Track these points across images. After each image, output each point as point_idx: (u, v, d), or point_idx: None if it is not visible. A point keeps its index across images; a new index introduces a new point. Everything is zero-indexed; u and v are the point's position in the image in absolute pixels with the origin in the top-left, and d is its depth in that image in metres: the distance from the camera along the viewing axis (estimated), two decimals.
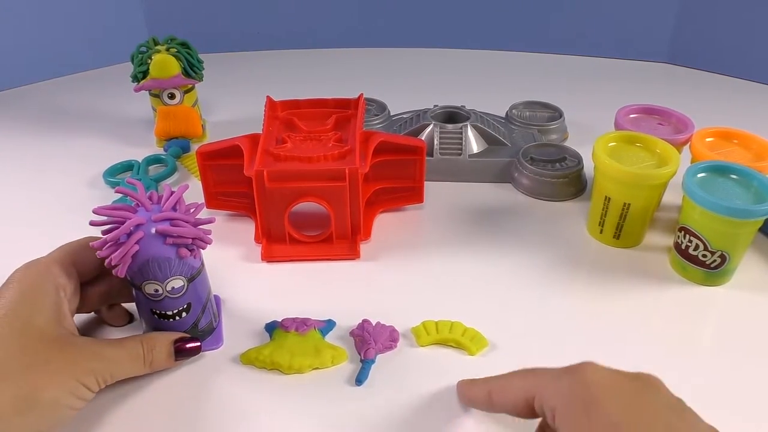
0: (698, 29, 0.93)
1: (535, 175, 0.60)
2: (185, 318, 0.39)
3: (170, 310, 0.38)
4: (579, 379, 0.28)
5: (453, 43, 1.01)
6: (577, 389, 0.28)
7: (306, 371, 0.40)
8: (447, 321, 0.43)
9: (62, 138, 0.73)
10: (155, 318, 0.38)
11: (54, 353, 0.32)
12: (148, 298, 0.37)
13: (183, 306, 0.38)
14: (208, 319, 0.41)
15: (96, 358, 0.34)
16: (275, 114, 0.58)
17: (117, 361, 0.35)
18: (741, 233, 0.46)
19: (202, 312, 0.40)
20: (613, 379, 0.28)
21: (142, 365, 0.37)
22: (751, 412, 0.38)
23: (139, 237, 0.35)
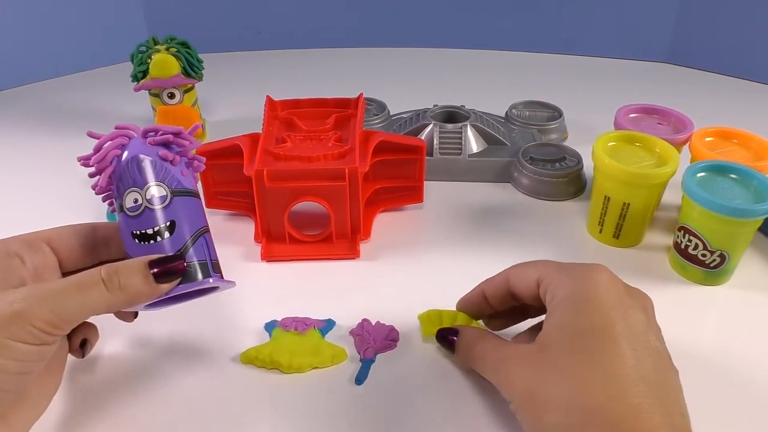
0: (698, 29, 0.93)
1: (534, 174, 0.60)
2: (169, 240, 0.33)
3: (150, 227, 0.33)
4: (585, 280, 0.31)
5: (453, 43, 1.01)
6: (580, 289, 0.31)
7: (305, 370, 0.40)
8: (451, 311, 0.43)
9: (62, 138, 0.73)
10: (136, 243, 0.33)
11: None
12: (128, 216, 0.34)
13: (165, 223, 0.33)
14: (199, 255, 0.34)
15: (26, 300, 0.28)
16: (275, 113, 0.58)
17: (59, 294, 0.29)
18: (740, 233, 0.46)
19: (192, 241, 0.34)
20: (612, 291, 0.31)
21: (102, 292, 0.30)
22: (751, 411, 0.38)
23: (121, 142, 0.35)
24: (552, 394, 0.29)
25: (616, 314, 0.30)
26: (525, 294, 0.35)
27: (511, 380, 0.32)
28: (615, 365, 0.28)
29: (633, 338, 0.29)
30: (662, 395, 0.28)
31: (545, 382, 0.29)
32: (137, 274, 0.31)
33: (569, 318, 0.30)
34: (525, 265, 0.36)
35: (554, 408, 0.28)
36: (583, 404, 0.27)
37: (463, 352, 0.37)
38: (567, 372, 0.29)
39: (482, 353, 0.35)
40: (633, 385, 0.27)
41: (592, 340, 0.29)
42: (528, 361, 0.31)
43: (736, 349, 0.43)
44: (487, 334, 0.37)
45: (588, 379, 0.28)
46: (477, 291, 0.39)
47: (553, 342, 0.30)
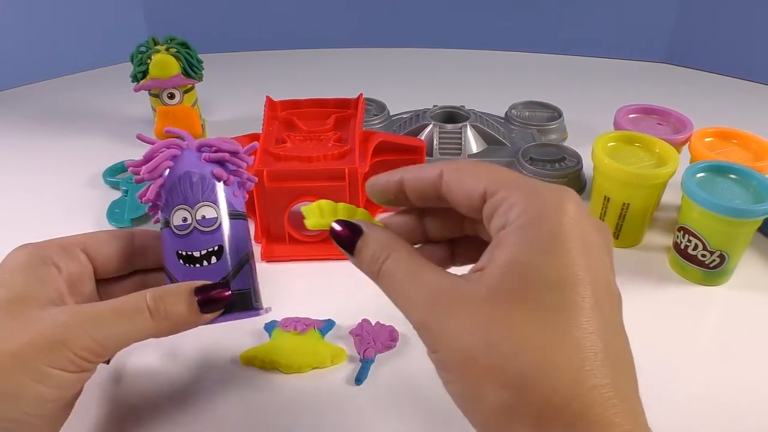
0: (697, 29, 0.93)
1: (534, 175, 0.60)
2: (215, 265, 0.32)
3: (198, 249, 0.32)
4: (553, 209, 0.23)
5: (453, 43, 1.01)
6: (546, 220, 0.23)
7: (305, 371, 0.40)
8: (350, 206, 0.35)
9: (62, 138, 0.73)
10: (180, 264, 0.32)
11: (14, 332, 0.26)
12: (175, 234, 0.32)
13: (213, 247, 0.32)
14: (244, 283, 0.33)
15: (69, 327, 0.27)
16: (275, 114, 0.58)
17: (103, 321, 0.27)
18: (740, 233, 0.46)
19: (237, 269, 0.32)
20: (583, 227, 0.23)
21: (147, 320, 0.28)
22: (751, 411, 0.38)
23: (173, 153, 0.32)
24: (501, 364, 0.21)
25: (586, 263, 0.22)
26: (461, 204, 0.26)
27: (444, 331, 0.23)
28: (584, 335, 0.21)
29: (602, 299, 0.23)
30: (625, 379, 0.23)
31: (494, 345, 0.22)
32: (182, 302, 0.29)
33: (530, 258, 0.22)
34: (468, 168, 0.26)
35: (501, 383, 0.21)
36: (544, 384, 0.21)
37: (367, 263, 0.27)
38: (525, 336, 0.21)
39: (396, 274, 0.26)
40: (602, 365, 0.21)
41: (559, 295, 0.22)
42: (471, 310, 0.23)
43: (735, 350, 0.43)
44: (404, 246, 0.27)
45: (552, 350, 0.21)
46: (395, 178, 0.28)
47: (506, 288, 0.22)
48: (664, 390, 0.40)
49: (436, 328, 0.23)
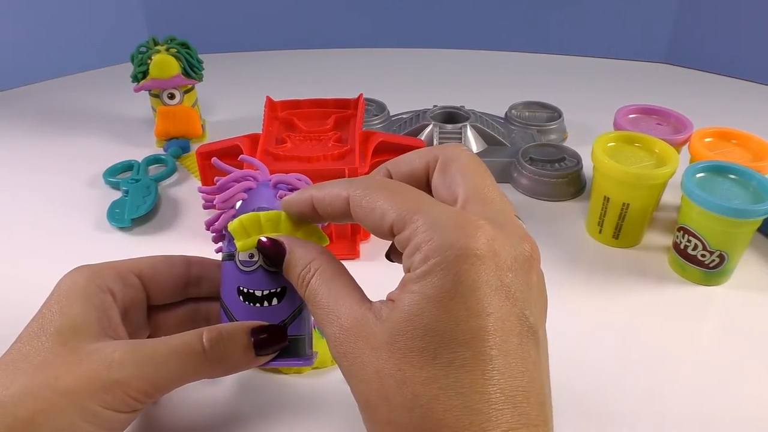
0: (697, 30, 0.93)
1: (534, 175, 0.60)
2: (275, 307, 0.30)
3: (261, 288, 0.30)
4: (459, 256, 0.21)
5: (453, 43, 1.01)
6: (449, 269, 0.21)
7: (305, 371, 0.40)
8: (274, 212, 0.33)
9: (62, 138, 0.73)
10: (239, 301, 0.30)
11: (69, 367, 0.25)
12: (239, 269, 0.31)
13: (276, 288, 0.30)
14: (299, 329, 0.31)
15: (124, 366, 0.26)
16: (275, 114, 0.58)
17: (159, 363, 0.26)
18: (740, 233, 0.46)
19: (296, 313, 0.31)
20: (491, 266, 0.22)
21: (201, 360, 0.27)
22: (750, 411, 0.38)
23: (248, 186, 0.31)
24: (394, 418, 0.21)
25: (489, 310, 0.21)
26: (373, 231, 0.25)
27: (350, 375, 0.23)
28: (474, 390, 0.21)
29: (505, 342, 0.21)
30: (533, 415, 0.21)
31: (388, 399, 0.22)
32: (239, 344, 0.28)
33: (427, 312, 0.21)
34: (374, 195, 0.24)
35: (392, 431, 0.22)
36: None
37: (295, 283, 0.27)
38: (415, 393, 0.21)
39: (317, 301, 0.26)
40: (499, 414, 0.20)
41: (452, 353, 0.21)
42: (372, 357, 0.22)
43: (735, 350, 0.43)
44: (327, 265, 0.26)
45: (441, 407, 0.21)
46: (305, 197, 0.28)
47: (403, 341, 0.22)
48: (664, 390, 0.40)
49: (345, 371, 0.24)
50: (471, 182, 0.25)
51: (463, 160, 0.26)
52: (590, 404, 0.39)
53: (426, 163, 0.27)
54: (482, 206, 0.25)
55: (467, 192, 0.25)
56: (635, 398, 0.39)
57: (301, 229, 0.30)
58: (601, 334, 0.44)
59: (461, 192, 0.25)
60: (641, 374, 0.41)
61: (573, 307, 0.47)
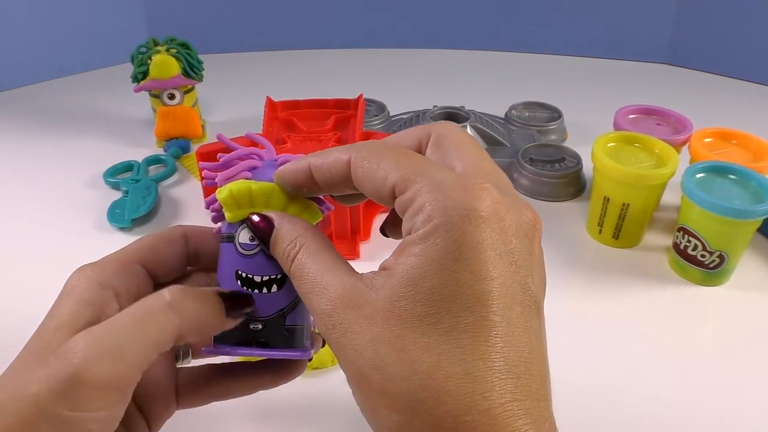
0: (697, 30, 0.93)
1: (534, 175, 0.60)
2: (274, 294, 0.28)
3: (260, 274, 0.28)
4: (465, 215, 0.21)
5: (453, 44, 1.01)
6: (454, 227, 0.21)
7: (305, 371, 0.40)
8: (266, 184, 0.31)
9: (62, 138, 0.73)
10: (237, 286, 0.29)
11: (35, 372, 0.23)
12: (238, 252, 0.29)
13: (276, 275, 0.28)
14: (298, 319, 0.29)
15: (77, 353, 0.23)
16: (275, 114, 0.58)
17: (115, 336, 0.24)
18: (739, 233, 0.46)
19: (296, 302, 0.29)
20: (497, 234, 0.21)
21: (166, 318, 0.25)
22: (750, 411, 0.38)
23: (253, 165, 0.30)
24: (390, 388, 0.20)
25: (493, 273, 0.21)
26: (372, 194, 0.24)
27: (341, 347, 0.22)
28: (478, 357, 0.20)
29: (508, 309, 0.21)
30: (534, 387, 0.20)
31: (383, 368, 0.20)
32: (207, 300, 0.26)
33: (429, 274, 0.21)
34: (376, 155, 0.24)
35: (391, 406, 0.20)
36: (431, 410, 0.20)
37: (281, 260, 0.26)
38: (413, 360, 0.20)
39: (303, 276, 0.24)
40: (501, 384, 0.20)
41: (454, 317, 0.20)
42: (365, 326, 0.21)
43: (735, 350, 0.43)
44: (314, 239, 0.25)
45: (441, 375, 0.20)
46: (302, 165, 0.26)
47: (402, 306, 0.21)
48: (664, 390, 0.40)
49: (335, 341, 0.22)
50: (468, 155, 0.25)
51: (457, 137, 0.26)
52: (590, 404, 0.39)
53: (418, 140, 0.26)
54: (483, 176, 0.23)
55: (466, 165, 0.24)
56: (635, 398, 0.39)
57: (294, 204, 0.29)
58: (601, 334, 0.44)
59: (459, 166, 0.24)
60: (641, 374, 0.41)
61: (573, 307, 0.47)
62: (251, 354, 0.28)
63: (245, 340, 0.28)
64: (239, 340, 0.28)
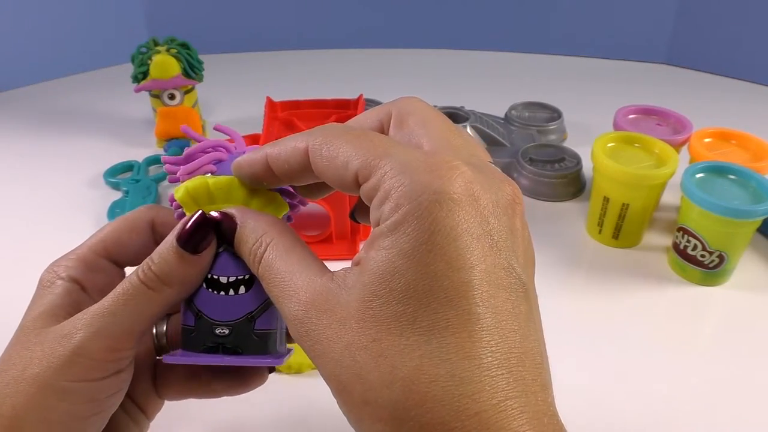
0: (697, 30, 0.93)
1: (534, 175, 0.60)
2: (242, 297, 0.27)
3: (225, 275, 0.26)
4: (435, 199, 0.19)
5: (453, 44, 1.02)
6: (425, 213, 0.19)
7: (305, 371, 0.40)
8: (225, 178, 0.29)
9: (62, 138, 0.73)
10: (203, 288, 0.27)
11: (32, 355, 0.25)
12: None
13: (244, 275, 0.26)
14: (270, 323, 0.27)
15: (74, 333, 0.24)
16: (275, 114, 0.58)
17: (104, 313, 0.25)
18: (739, 233, 0.46)
19: (266, 305, 0.26)
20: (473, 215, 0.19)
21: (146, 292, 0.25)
22: (750, 412, 0.39)
23: (218, 157, 0.28)
24: (372, 397, 0.19)
25: (471, 261, 0.19)
26: (336, 183, 0.22)
27: (317, 355, 0.20)
28: (464, 357, 0.18)
29: (493, 297, 0.19)
30: (529, 380, 0.19)
31: (363, 377, 0.19)
32: (169, 255, 0.25)
33: (401, 268, 0.19)
34: (336, 140, 0.22)
35: (375, 412, 0.19)
36: (417, 417, 0.18)
37: (245, 256, 0.24)
38: (394, 366, 0.18)
39: (271, 277, 0.23)
40: (493, 381, 0.18)
41: (433, 314, 0.18)
42: (340, 331, 0.20)
43: (735, 350, 0.43)
44: (281, 236, 0.24)
45: (424, 380, 0.18)
46: (259, 156, 0.24)
47: (376, 306, 0.19)
48: (664, 390, 0.40)
49: (309, 350, 0.21)
50: (435, 132, 0.23)
51: (422, 112, 0.24)
52: (590, 403, 0.39)
53: (379, 121, 0.25)
54: (454, 152, 0.22)
55: (434, 141, 0.22)
56: (635, 398, 0.39)
57: (257, 197, 0.27)
58: (600, 333, 0.44)
59: (426, 143, 0.22)
60: (641, 374, 0.41)
61: (573, 307, 0.47)
62: (218, 362, 0.26)
63: (211, 347, 0.26)
64: (205, 347, 0.26)
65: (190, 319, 0.26)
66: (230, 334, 0.26)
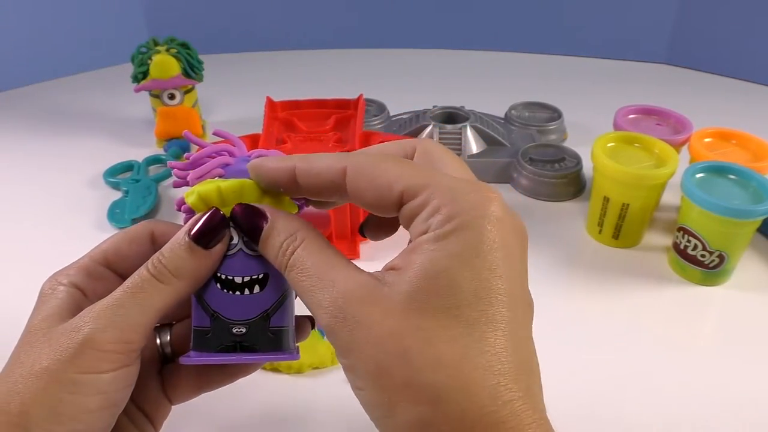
0: (697, 30, 0.93)
1: (534, 175, 0.60)
2: (257, 296, 0.27)
3: (240, 275, 0.27)
4: (481, 217, 0.22)
5: (453, 44, 1.01)
6: (473, 228, 0.22)
7: (305, 371, 0.40)
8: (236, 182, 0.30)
9: (62, 138, 0.73)
10: (217, 289, 0.27)
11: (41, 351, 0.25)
12: None
13: (257, 274, 0.27)
14: (284, 320, 0.28)
15: (84, 326, 0.25)
16: (275, 114, 0.58)
17: (114, 305, 0.25)
18: (739, 233, 0.46)
19: (280, 302, 0.28)
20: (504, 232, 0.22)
21: (157, 286, 0.26)
22: (750, 411, 0.38)
23: (225, 162, 0.28)
24: (416, 379, 0.20)
25: (506, 273, 0.22)
26: (371, 204, 0.24)
27: (355, 340, 0.22)
28: (499, 351, 0.21)
29: (517, 309, 0.22)
30: (535, 388, 0.22)
31: (408, 359, 0.21)
32: (181, 250, 0.26)
33: (450, 268, 0.21)
34: (378, 164, 0.24)
35: (416, 398, 0.20)
36: (458, 401, 0.20)
37: (274, 254, 0.25)
38: (440, 351, 0.21)
39: (304, 270, 0.24)
40: (515, 379, 0.21)
41: (476, 310, 0.21)
42: (384, 317, 0.21)
43: (735, 350, 0.43)
44: (314, 236, 0.25)
45: (467, 366, 0.20)
46: (287, 165, 0.26)
47: (423, 298, 0.21)
48: (664, 390, 0.40)
49: (346, 335, 0.22)
50: (458, 168, 0.25)
51: (442, 151, 0.26)
52: (589, 403, 0.39)
53: (404, 152, 0.27)
54: None
55: (460, 174, 0.25)
56: (635, 398, 0.39)
57: (267, 199, 0.27)
58: (600, 334, 0.44)
59: (454, 174, 0.25)
60: (641, 374, 0.41)
61: (573, 307, 0.47)
62: (236, 361, 0.27)
63: (229, 346, 0.27)
64: (222, 346, 0.27)
65: (205, 320, 0.27)
66: (247, 332, 0.27)
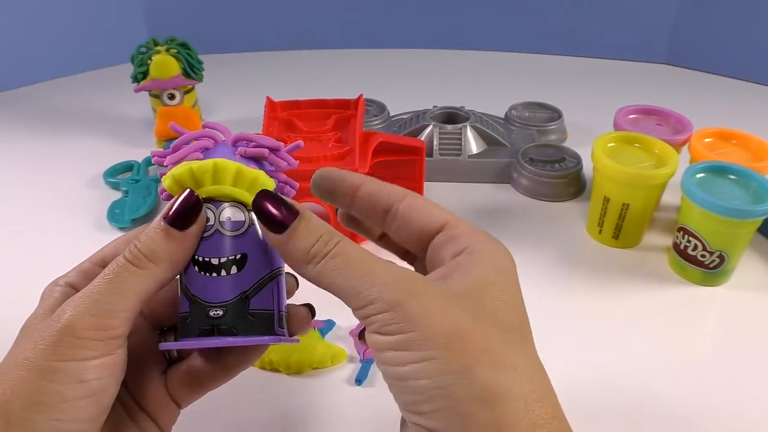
0: (697, 30, 0.93)
1: (534, 175, 0.60)
2: (234, 277, 0.27)
3: (216, 256, 0.26)
4: (504, 251, 0.27)
5: (453, 44, 1.02)
6: (502, 257, 0.26)
7: (306, 371, 0.40)
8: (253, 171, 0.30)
9: (62, 138, 0.73)
10: (195, 272, 0.27)
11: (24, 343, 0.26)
12: None
13: (236, 255, 0.27)
14: (267, 303, 0.27)
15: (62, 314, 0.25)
16: (275, 114, 0.58)
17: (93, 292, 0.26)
18: (739, 233, 0.46)
19: (261, 283, 0.27)
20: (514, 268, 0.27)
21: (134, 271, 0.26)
22: (750, 412, 0.38)
23: (204, 145, 0.28)
24: (496, 341, 0.23)
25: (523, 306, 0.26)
26: (413, 228, 0.27)
27: (424, 310, 0.23)
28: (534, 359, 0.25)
29: None
30: None
31: (484, 330, 0.23)
32: (157, 235, 0.26)
33: (496, 281, 0.25)
34: (428, 202, 0.28)
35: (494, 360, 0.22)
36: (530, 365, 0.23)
37: (308, 245, 0.25)
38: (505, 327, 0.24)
39: (355, 254, 0.25)
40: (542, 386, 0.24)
41: (513, 320, 0.25)
42: (446, 296, 0.23)
43: (735, 350, 0.43)
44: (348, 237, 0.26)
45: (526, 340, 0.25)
46: (355, 181, 0.28)
47: (474, 297, 0.24)
48: (664, 390, 0.40)
49: (414, 305, 0.23)
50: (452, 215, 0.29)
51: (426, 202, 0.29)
52: (590, 403, 0.39)
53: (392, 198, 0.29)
54: None
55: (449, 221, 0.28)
56: (635, 398, 0.39)
57: (242, 178, 0.27)
58: (601, 334, 0.44)
59: None
60: (641, 374, 0.41)
61: (573, 307, 0.47)
62: (214, 344, 0.26)
63: (206, 329, 0.26)
64: (201, 330, 0.26)
65: (185, 305, 0.27)
66: (225, 315, 0.26)
